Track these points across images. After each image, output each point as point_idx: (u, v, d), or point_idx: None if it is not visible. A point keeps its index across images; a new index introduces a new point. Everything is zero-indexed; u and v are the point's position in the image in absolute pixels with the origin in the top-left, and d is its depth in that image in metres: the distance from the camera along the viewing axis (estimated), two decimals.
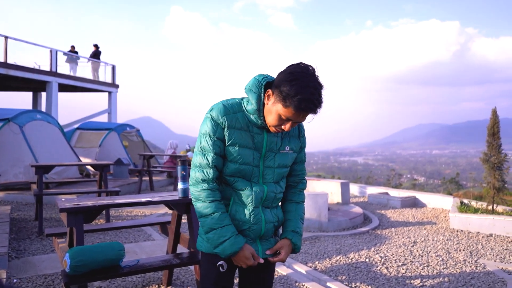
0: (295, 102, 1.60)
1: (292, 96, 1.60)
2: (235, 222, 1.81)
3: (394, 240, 5.68)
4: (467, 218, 6.31)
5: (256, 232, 1.82)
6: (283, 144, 1.85)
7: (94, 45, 18.90)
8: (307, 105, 1.60)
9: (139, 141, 14.35)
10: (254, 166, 1.80)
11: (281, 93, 1.63)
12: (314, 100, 1.60)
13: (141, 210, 7.47)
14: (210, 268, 1.86)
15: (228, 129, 1.75)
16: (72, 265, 2.58)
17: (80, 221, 2.86)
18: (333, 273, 4.26)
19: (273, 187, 1.85)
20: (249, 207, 1.80)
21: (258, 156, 1.80)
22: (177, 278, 3.92)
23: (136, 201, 3.12)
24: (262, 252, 1.86)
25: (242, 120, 1.77)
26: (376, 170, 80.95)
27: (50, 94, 15.87)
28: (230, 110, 1.76)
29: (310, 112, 1.64)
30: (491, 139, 6.64)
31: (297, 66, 1.66)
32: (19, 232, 5.68)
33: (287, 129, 1.70)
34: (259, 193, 1.80)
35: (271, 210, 1.88)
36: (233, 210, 1.81)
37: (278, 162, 1.84)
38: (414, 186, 27.57)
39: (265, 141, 1.80)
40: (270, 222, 1.86)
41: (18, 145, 8.96)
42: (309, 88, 1.59)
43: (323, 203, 6.24)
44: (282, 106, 1.64)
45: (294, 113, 1.63)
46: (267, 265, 1.93)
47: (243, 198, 1.80)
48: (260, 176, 1.82)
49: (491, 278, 4.16)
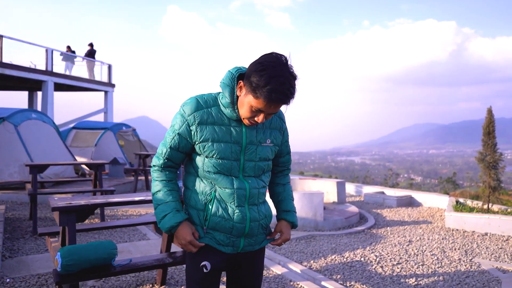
0: (264, 93, 1.56)
1: (261, 86, 1.56)
2: (217, 219, 1.77)
3: (389, 239, 5.68)
4: (463, 217, 6.31)
5: (239, 231, 1.79)
6: (264, 137, 1.82)
7: (89, 44, 18.84)
8: (277, 96, 1.56)
9: (135, 140, 14.32)
10: (233, 160, 1.75)
11: (251, 84, 1.59)
12: (284, 90, 1.56)
13: (137, 210, 7.44)
14: (195, 267, 1.82)
15: (199, 125, 1.72)
16: (63, 264, 2.56)
17: (72, 220, 2.84)
18: (328, 272, 4.25)
19: (254, 182, 1.81)
20: (231, 205, 1.77)
21: (238, 149, 1.76)
22: (171, 277, 3.90)
23: (130, 200, 3.10)
24: (243, 248, 1.84)
25: (216, 114, 1.74)
26: (373, 169, 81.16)
27: (46, 93, 15.81)
28: (203, 105, 1.74)
29: (281, 103, 1.60)
30: (487, 138, 6.65)
31: (268, 55, 1.63)
32: (13, 231, 5.64)
33: (261, 120, 1.67)
34: (242, 191, 1.76)
35: (258, 207, 1.84)
36: (215, 207, 1.77)
37: (259, 155, 1.80)
38: (411, 186, 27.69)
39: (244, 134, 1.76)
40: (256, 220, 1.82)
41: (13, 145, 8.91)
42: (279, 78, 1.55)
43: (318, 202, 6.23)
44: (252, 97, 1.61)
45: (265, 104, 1.60)
46: (253, 273, 1.93)
47: (225, 196, 1.76)
48: (241, 170, 1.78)
49: (486, 277, 4.16)
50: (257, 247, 1.90)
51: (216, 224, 1.78)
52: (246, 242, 1.83)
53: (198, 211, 1.81)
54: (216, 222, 1.77)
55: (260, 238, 1.89)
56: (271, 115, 1.70)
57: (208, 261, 1.79)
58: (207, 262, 1.79)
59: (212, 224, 1.79)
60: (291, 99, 1.61)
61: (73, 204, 2.82)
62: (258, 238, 1.88)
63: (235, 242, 1.81)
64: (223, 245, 1.81)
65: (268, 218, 1.91)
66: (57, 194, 7.02)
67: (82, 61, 18.55)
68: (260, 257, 1.97)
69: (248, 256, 1.89)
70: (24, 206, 7.55)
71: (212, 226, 1.79)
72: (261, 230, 1.88)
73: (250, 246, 1.86)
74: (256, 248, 1.89)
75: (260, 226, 1.86)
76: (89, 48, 18.69)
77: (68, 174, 9.96)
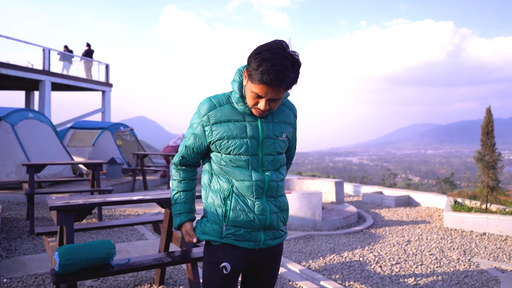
0: (258, 76, 1.59)
1: (255, 69, 1.59)
2: (237, 213, 1.77)
3: (388, 239, 5.68)
4: (461, 217, 6.32)
5: (261, 222, 1.78)
6: (280, 131, 1.84)
7: (86, 44, 18.81)
8: (268, 78, 1.57)
9: (133, 140, 14.29)
10: (250, 155, 1.76)
11: (249, 70, 1.63)
12: (275, 72, 1.56)
13: (134, 209, 7.41)
14: (213, 270, 1.81)
15: (214, 124, 1.76)
16: (61, 263, 2.54)
17: (70, 219, 2.82)
18: (327, 272, 4.24)
19: (274, 175, 1.82)
20: (251, 198, 1.77)
21: (256, 144, 1.77)
22: (169, 277, 3.88)
23: (128, 199, 3.08)
24: (264, 242, 1.83)
25: (230, 112, 1.77)
26: (371, 170, 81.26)
27: (43, 93, 15.76)
28: (216, 105, 1.78)
29: (275, 85, 1.60)
30: (485, 138, 6.65)
31: (266, 42, 1.66)
32: (10, 231, 5.61)
33: (263, 107, 1.68)
34: (260, 183, 1.77)
35: (276, 199, 1.85)
36: (234, 201, 1.77)
37: (276, 150, 1.82)
38: (409, 186, 27.72)
39: (260, 128, 1.78)
40: (275, 212, 1.83)
41: (10, 144, 8.87)
42: (272, 60, 1.56)
43: (317, 202, 6.22)
44: (251, 83, 1.64)
45: (260, 88, 1.62)
46: (272, 271, 1.93)
47: (244, 189, 1.76)
48: (260, 164, 1.79)
49: (485, 276, 4.16)
50: (278, 241, 1.89)
51: (236, 218, 1.77)
52: (266, 236, 1.83)
53: (216, 208, 1.81)
54: (236, 216, 1.77)
55: (279, 232, 1.89)
56: (276, 103, 1.71)
57: (227, 262, 1.78)
58: (227, 263, 1.78)
59: (232, 219, 1.77)
60: (286, 81, 1.61)
61: (71, 203, 2.80)
62: (277, 232, 1.88)
63: (257, 236, 1.80)
64: (244, 241, 1.79)
65: (285, 212, 1.92)
66: (55, 194, 6.99)
67: (80, 61, 18.51)
68: (279, 253, 1.96)
69: (268, 253, 1.87)
70: (21, 206, 7.52)
71: (232, 221, 1.78)
72: (280, 224, 1.88)
73: (270, 240, 1.85)
74: (275, 242, 1.88)
75: (279, 219, 1.86)
76: (86, 48, 18.65)
77: (66, 174, 9.92)
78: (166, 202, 3.20)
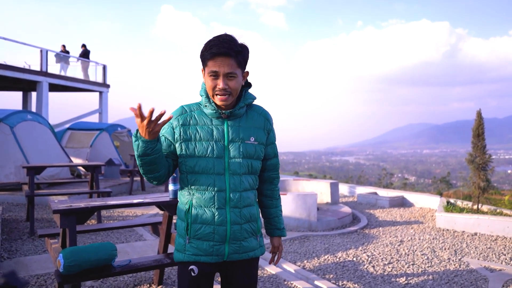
0: (208, 53, 1.73)
1: (206, 50, 1.74)
2: (197, 226, 1.77)
3: (381, 239, 5.80)
4: (453, 217, 6.45)
5: (221, 234, 1.77)
6: (248, 134, 1.84)
7: (82, 45, 18.79)
8: (217, 48, 1.70)
9: (130, 141, 14.36)
10: (216, 158, 1.78)
11: (201, 59, 1.78)
12: (222, 42, 1.71)
13: (133, 211, 7.51)
14: (182, 271, 1.83)
15: (183, 126, 1.82)
16: (65, 265, 2.65)
17: (73, 222, 2.93)
18: (321, 272, 4.36)
19: (238, 182, 1.80)
20: (212, 208, 1.77)
21: (221, 146, 1.80)
22: (168, 278, 3.99)
23: (128, 203, 3.19)
24: (228, 255, 1.80)
25: (199, 116, 1.85)
26: (368, 169, 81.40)
27: (41, 94, 15.80)
28: (187, 110, 1.87)
29: (224, 53, 1.70)
30: (476, 140, 6.79)
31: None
32: (11, 232, 5.70)
33: (222, 85, 1.73)
34: (222, 193, 1.77)
35: (240, 210, 1.81)
36: (194, 213, 1.78)
37: (243, 153, 1.81)
38: (405, 186, 27.84)
39: (226, 131, 1.82)
40: (237, 223, 1.79)
41: (8, 146, 8.95)
42: (218, 37, 1.74)
43: (312, 203, 6.34)
44: (206, 69, 1.76)
45: (212, 62, 1.73)
46: (246, 279, 1.90)
47: (205, 201, 1.77)
48: (226, 168, 1.79)
49: (474, 275, 4.29)
50: (246, 256, 1.84)
51: (197, 231, 1.77)
52: (231, 249, 1.80)
53: (181, 221, 1.84)
54: (197, 229, 1.78)
55: (247, 245, 1.84)
56: (233, 81, 1.74)
57: (195, 265, 1.79)
58: (194, 266, 1.79)
59: (193, 232, 1.78)
60: (233, 49, 1.72)
61: (74, 207, 2.91)
62: (245, 245, 1.83)
63: (219, 249, 1.78)
64: (207, 255, 1.78)
65: (254, 223, 1.86)
66: (54, 195, 7.08)
67: (77, 62, 18.55)
68: (253, 267, 1.92)
69: (239, 265, 1.86)
70: (20, 207, 7.60)
71: (194, 234, 1.78)
72: (246, 235, 1.83)
73: (236, 254, 1.81)
74: (245, 257, 1.84)
75: (244, 231, 1.82)
76: (82, 49, 18.67)
77: (64, 175, 10.00)
78: (165, 205, 3.31)
